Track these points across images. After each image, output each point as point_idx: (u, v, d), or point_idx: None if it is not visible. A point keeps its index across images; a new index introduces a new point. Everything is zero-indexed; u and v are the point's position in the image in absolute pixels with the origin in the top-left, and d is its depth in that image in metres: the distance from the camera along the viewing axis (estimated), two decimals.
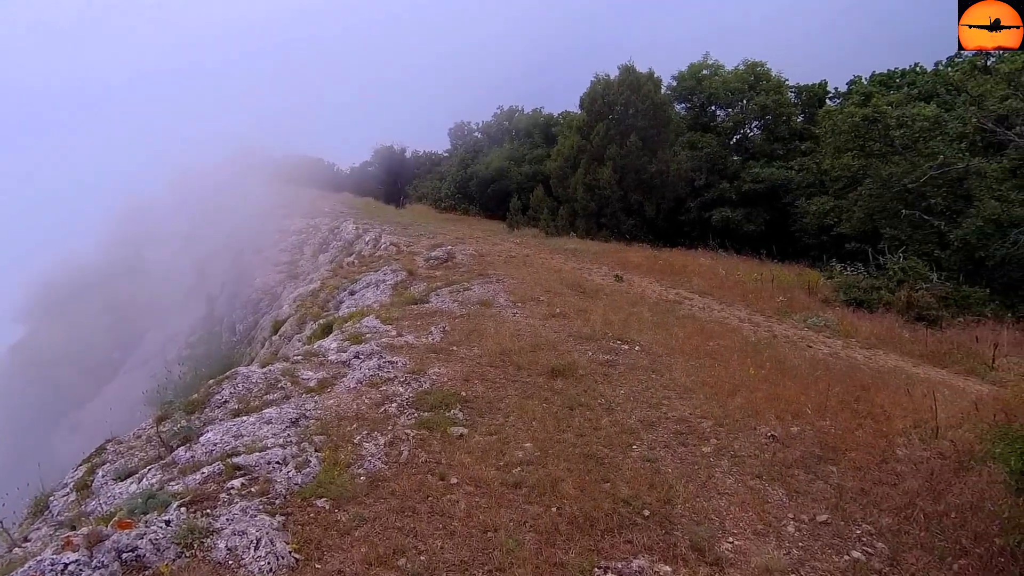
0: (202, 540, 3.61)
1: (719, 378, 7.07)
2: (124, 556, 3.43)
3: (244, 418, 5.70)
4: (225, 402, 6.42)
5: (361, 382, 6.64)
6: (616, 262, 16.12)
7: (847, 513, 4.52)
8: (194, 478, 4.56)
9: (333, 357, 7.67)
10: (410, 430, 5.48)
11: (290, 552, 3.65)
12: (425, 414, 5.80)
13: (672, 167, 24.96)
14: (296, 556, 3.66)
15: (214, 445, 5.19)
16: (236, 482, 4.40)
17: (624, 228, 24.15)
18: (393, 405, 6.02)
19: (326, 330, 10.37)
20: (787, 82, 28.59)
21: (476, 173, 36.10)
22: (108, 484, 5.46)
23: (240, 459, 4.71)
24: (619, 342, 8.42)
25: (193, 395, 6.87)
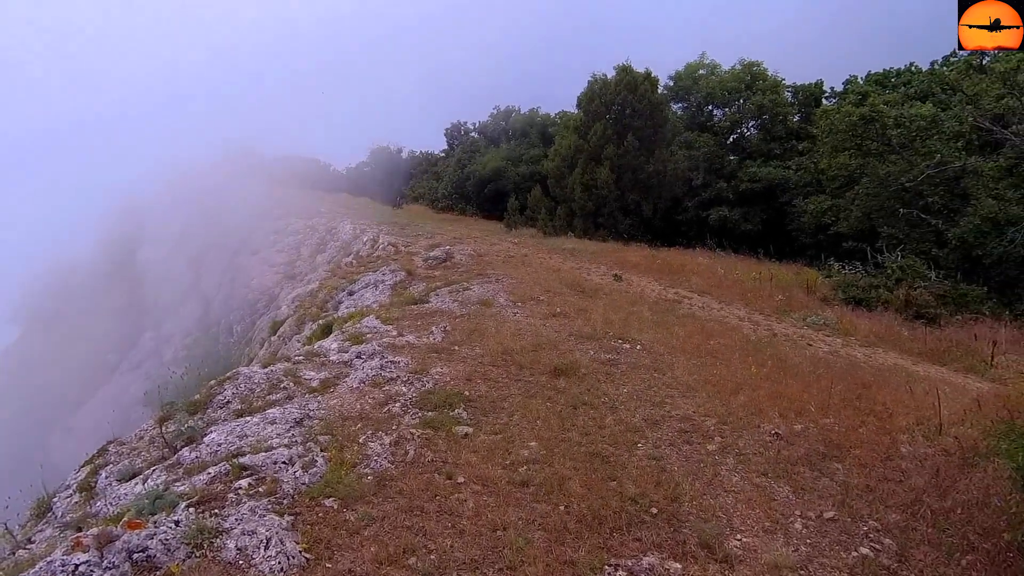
0: (212, 540, 3.60)
1: (721, 376, 7.08)
2: (135, 557, 3.41)
3: (248, 418, 5.68)
4: (228, 402, 6.39)
5: (364, 382, 6.62)
6: (614, 261, 16.14)
7: (854, 510, 4.53)
8: (200, 478, 4.54)
9: (334, 357, 7.65)
10: (415, 430, 5.47)
11: (300, 552, 3.64)
12: (429, 414, 5.79)
13: (669, 167, 25.02)
14: (307, 555, 3.64)
15: (219, 445, 5.18)
16: (243, 482, 4.38)
17: (622, 228, 24.18)
18: (397, 405, 6.01)
19: (326, 330, 10.36)
20: (783, 82, 28.67)
21: (473, 173, 36.10)
22: (112, 485, 5.43)
23: (246, 459, 4.69)
24: (620, 341, 8.43)
25: (195, 396, 6.84)
